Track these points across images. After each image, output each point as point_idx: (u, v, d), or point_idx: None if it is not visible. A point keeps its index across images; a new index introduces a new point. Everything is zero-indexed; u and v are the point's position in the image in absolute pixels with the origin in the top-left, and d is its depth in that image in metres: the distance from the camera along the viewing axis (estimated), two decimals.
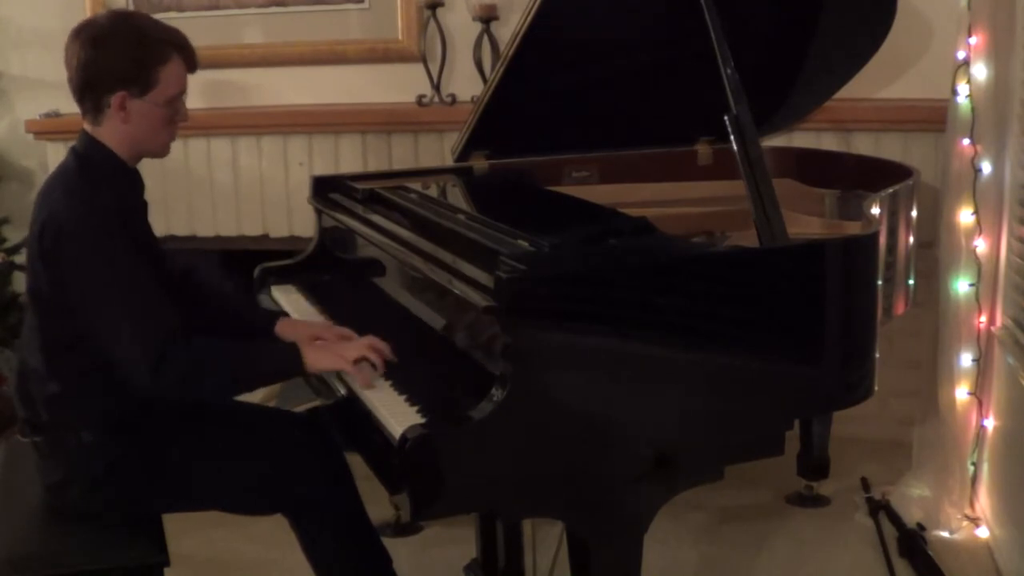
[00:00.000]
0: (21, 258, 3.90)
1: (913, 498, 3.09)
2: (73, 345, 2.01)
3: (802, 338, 1.93)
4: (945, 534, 2.98)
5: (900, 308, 2.61)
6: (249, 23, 3.98)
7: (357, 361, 1.98)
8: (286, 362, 2.02)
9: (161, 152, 2.13)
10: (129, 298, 1.95)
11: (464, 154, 2.69)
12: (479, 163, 2.72)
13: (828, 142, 3.44)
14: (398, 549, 2.62)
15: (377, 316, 2.26)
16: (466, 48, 3.73)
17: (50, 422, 2.05)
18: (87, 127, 2.07)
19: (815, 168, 2.96)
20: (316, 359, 2.01)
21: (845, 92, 2.97)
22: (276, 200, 3.88)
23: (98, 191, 1.99)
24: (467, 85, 3.71)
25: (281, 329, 2.26)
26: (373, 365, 1.99)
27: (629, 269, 1.79)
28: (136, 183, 2.14)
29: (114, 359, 1.96)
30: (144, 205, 2.16)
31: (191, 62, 2.08)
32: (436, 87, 3.78)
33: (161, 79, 2.02)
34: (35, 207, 2.04)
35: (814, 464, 3.02)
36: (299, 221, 3.84)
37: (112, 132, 2.05)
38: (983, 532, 2.97)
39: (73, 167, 2.04)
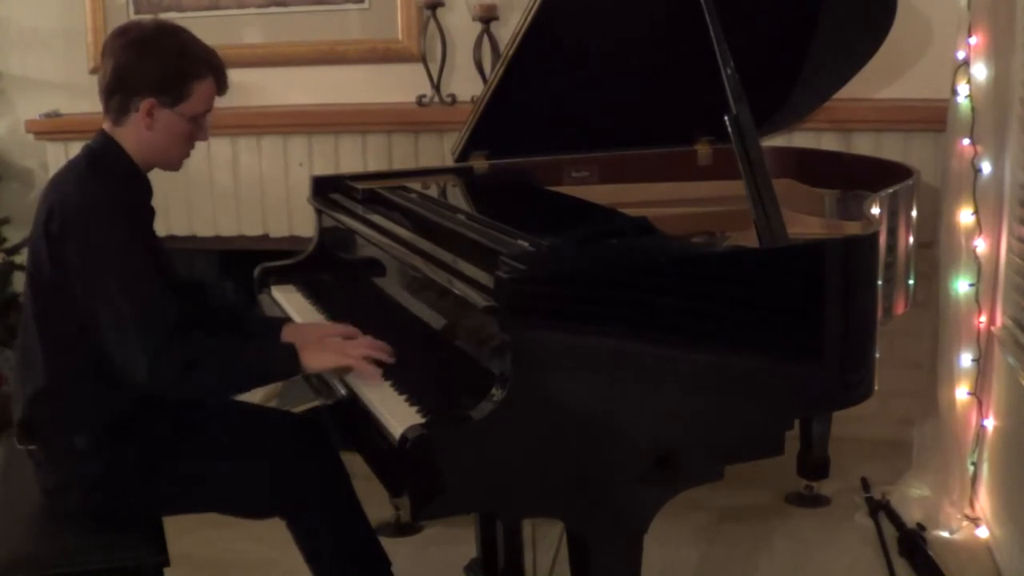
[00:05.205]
0: (21, 258, 3.89)
1: (913, 498, 3.08)
2: (70, 335, 2.00)
3: (802, 338, 1.93)
4: (945, 534, 2.98)
5: (900, 308, 2.61)
6: (249, 23, 3.97)
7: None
8: (281, 362, 2.02)
9: (174, 166, 2.15)
10: (131, 287, 1.95)
11: (464, 154, 2.70)
12: (479, 163, 2.72)
13: (828, 142, 3.44)
14: (398, 549, 2.63)
15: (377, 316, 2.26)
16: (466, 48, 3.73)
17: (45, 421, 2.05)
18: (106, 126, 2.09)
19: (815, 168, 2.96)
20: (316, 359, 2.02)
21: (845, 92, 2.97)
22: (276, 200, 3.88)
23: (109, 185, 2.01)
24: (467, 85, 3.71)
25: (285, 334, 2.24)
26: (377, 365, 1.99)
27: (629, 269, 1.79)
28: (144, 188, 2.15)
29: (111, 349, 1.95)
30: (151, 211, 2.17)
31: (222, 85, 2.13)
32: (436, 87, 3.77)
33: (193, 93, 2.06)
34: (43, 196, 2.06)
35: (814, 464, 3.03)
36: (299, 221, 3.84)
37: (132, 136, 2.06)
38: (983, 532, 2.96)
39: (86, 161, 2.06)
